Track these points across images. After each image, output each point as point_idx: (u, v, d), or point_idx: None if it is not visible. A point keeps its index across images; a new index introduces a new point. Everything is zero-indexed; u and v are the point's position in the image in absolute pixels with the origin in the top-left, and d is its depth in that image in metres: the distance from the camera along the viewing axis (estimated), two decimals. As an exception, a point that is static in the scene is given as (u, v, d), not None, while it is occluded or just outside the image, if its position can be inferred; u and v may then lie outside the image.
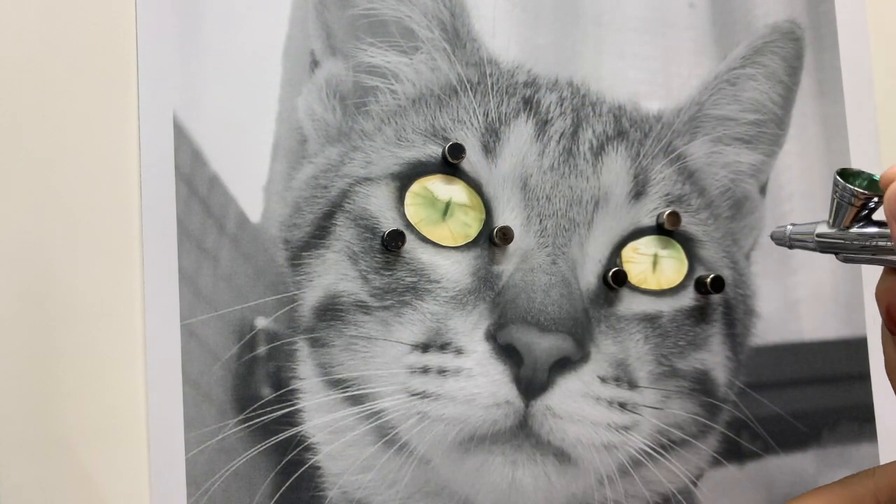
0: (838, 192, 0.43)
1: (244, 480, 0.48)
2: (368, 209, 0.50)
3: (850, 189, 0.42)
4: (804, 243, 0.45)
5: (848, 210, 0.43)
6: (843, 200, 0.43)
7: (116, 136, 0.48)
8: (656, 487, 0.52)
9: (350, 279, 0.49)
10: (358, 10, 0.51)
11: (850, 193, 0.42)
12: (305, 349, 0.49)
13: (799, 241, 0.46)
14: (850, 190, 0.42)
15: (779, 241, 0.47)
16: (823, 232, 0.44)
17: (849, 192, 0.42)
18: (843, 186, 0.42)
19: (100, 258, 0.48)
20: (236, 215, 0.49)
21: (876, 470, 0.46)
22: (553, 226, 0.50)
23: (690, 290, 0.52)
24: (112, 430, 0.47)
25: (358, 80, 0.51)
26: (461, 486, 0.49)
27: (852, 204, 0.42)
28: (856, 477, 0.46)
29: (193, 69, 0.49)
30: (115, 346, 0.47)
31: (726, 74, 0.55)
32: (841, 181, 0.42)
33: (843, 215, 0.43)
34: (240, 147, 0.49)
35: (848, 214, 0.43)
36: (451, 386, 0.47)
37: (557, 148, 0.51)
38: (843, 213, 0.43)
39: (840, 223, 0.43)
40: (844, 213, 0.43)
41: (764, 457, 0.54)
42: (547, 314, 0.48)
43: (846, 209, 0.43)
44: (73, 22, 0.49)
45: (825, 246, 0.44)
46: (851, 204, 0.42)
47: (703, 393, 0.53)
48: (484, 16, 0.53)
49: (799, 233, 0.45)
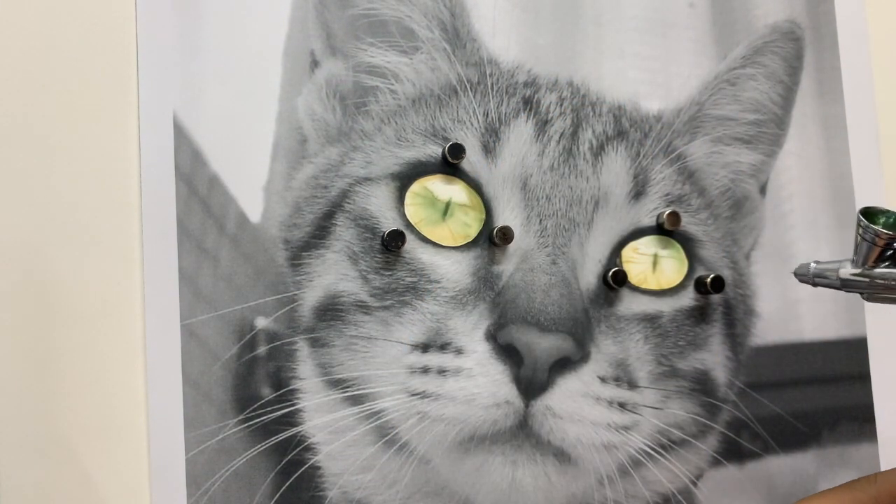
0: (861, 232, 0.42)
1: (244, 480, 0.48)
2: (368, 209, 0.50)
3: (873, 229, 0.41)
4: (828, 281, 0.45)
5: (872, 249, 0.42)
6: (867, 240, 0.42)
7: (116, 136, 0.48)
8: (656, 487, 0.52)
9: (350, 279, 0.49)
10: (358, 10, 0.51)
11: (872, 233, 0.42)
12: (305, 349, 0.49)
13: (822, 279, 0.45)
14: (872, 230, 0.41)
15: (802, 277, 0.46)
16: (848, 271, 0.44)
17: (871, 231, 0.42)
18: (867, 226, 0.42)
19: (100, 258, 0.48)
20: (236, 215, 0.49)
21: (878, 476, 0.46)
22: (553, 226, 0.50)
23: (690, 290, 0.52)
24: (112, 430, 0.47)
25: (358, 80, 0.51)
26: (461, 486, 0.49)
27: (875, 244, 0.42)
28: (857, 482, 0.46)
29: (193, 69, 0.49)
30: (115, 346, 0.47)
31: (726, 74, 0.55)
32: (864, 220, 0.42)
33: (867, 254, 0.42)
34: (240, 147, 0.49)
35: (872, 254, 0.42)
36: (451, 386, 0.47)
37: (557, 148, 0.51)
38: (866, 253, 0.42)
39: (864, 263, 0.43)
40: (868, 253, 0.42)
41: (764, 457, 0.54)
42: (547, 314, 0.48)
43: (869, 248, 0.42)
44: (73, 22, 0.49)
45: (850, 285, 0.44)
46: (875, 244, 0.42)
47: (703, 393, 0.53)
48: (484, 16, 0.53)
49: (823, 271, 0.45)
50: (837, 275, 0.44)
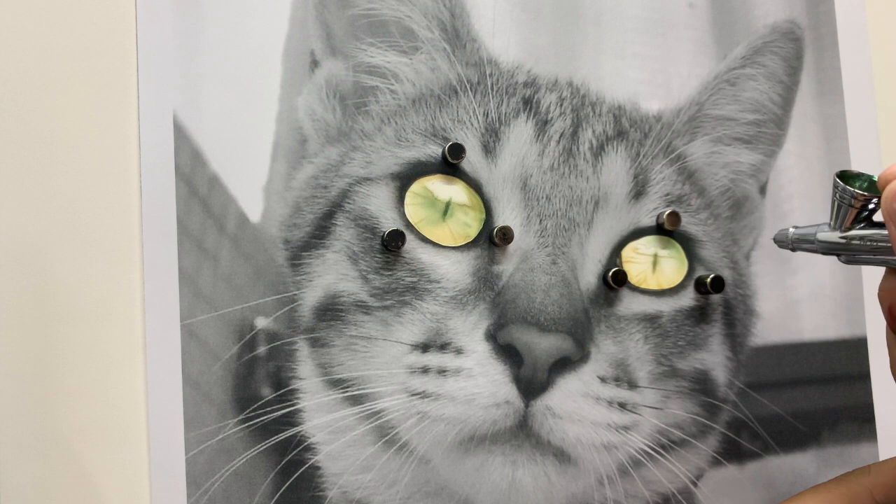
0: (838, 194, 0.43)
1: (244, 480, 0.48)
2: (368, 209, 0.50)
3: (850, 191, 0.42)
4: (807, 245, 0.46)
5: (848, 212, 0.43)
6: (843, 202, 0.43)
7: (116, 136, 0.49)
8: (656, 487, 0.52)
9: (350, 279, 0.49)
10: (358, 10, 0.51)
11: (849, 195, 0.42)
12: (305, 349, 0.49)
13: (802, 243, 0.46)
14: (849, 192, 0.42)
15: (781, 243, 0.47)
16: (825, 234, 0.44)
17: (848, 193, 0.42)
18: (843, 188, 0.42)
19: (100, 258, 0.48)
20: (236, 215, 0.49)
21: (871, 467, 0.46)
22: (553, 226, 0.50)
23: (690, 290, 0.52)
24: (112, 430, 0.47)
25: (358, 80, 0.51)
26: (461, 485, 0.49)
27: (852, 206, 0.43)
28: (852, 474, 0.46)
29: (193, 69, 0.49)
30: (115, 346, 0.47)
31: (726, 74, 0.55)
32: (840, 183, 0.42)
33: (844, 217, 0.43)
34: (240, 147, 0.49)
35: (849, 216, 0.43)
36: (451, 386, 0.47)
37: (557, 148, 0.51)
38: (843, 215, 0.43)
39: (841, 225, 0.43)
40: (845, 215, 0.43)
41: (764, 457, 0.54)
42: (547, 314, 0.48)
43: (846, 211, 0.43)
44: (73, 22, 0.49)
45: (827, 248, 0.44)
46: (851, 206, 0.43)
47: (702, 393, 0.53)
48: (484, 16, 0.53)
49: (801, 235, 0.46)
50: (816, 237, 0.45)
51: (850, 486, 0.46)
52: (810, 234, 0.45)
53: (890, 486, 0.45)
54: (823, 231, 0.44)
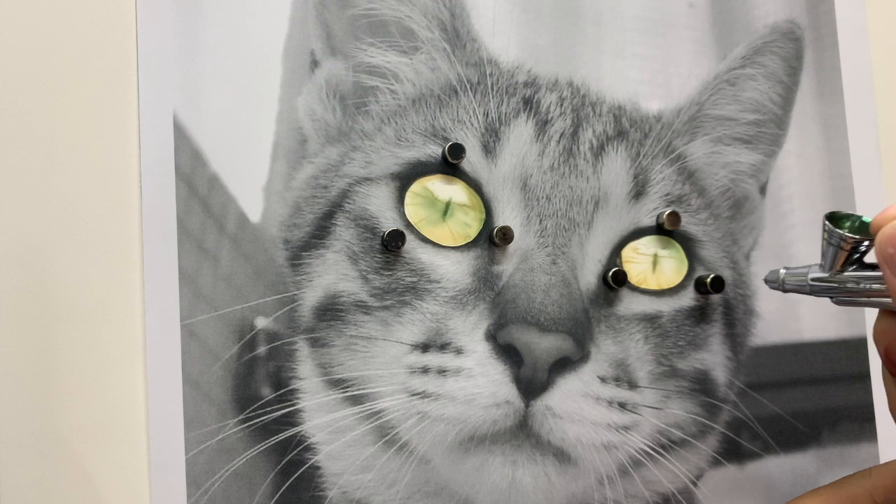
0: (826, 237, 0.42)
1: (244, 480, 0.48)
2: (368, 209, 0.50)
3: (838, 234, 0.42)
4: (798, 287, 0.45)
5: (839, 254, 0.42)
6: (832, 244, 0.42)
7: (116, 136, 0.49)
8: (656, 487, 0.52)
9: (350, 279, 0.49)
10: (358, 10, 0.51)
11: (838, 238, 0.42)
12: (305, 349, 0.49)
13: (792, 285, 0.46)
14: (837, 234, 0.42)
15: (772, 284, 0.47)
16: (816, 276, 0.44)
17: (837, 236, 0.42)
18: (832, 231, 0.42)
19: (100, 258, 0.48)
20: (236, 215, 0.49)
21: (872, 470, 0.46)
22: (553, 226, 0.50)
23: (690, 290, 0.52)
24: (112, 430, 0.47)
25: (358, 80, 0.51)
26: (461, 485, 0.49)
27: (842, 248, 0.42)
28: (852, 477, 0.46)
29: (193, 69, 0.49)
30: (115, 346, 0.47)
31: (726, 74, 0.55)
32: (829, 225, 0.42)
33: (835, 259, 0.43)
34: (240, 147, 0.49)
35: (839, 258, 0.43)
36: (451, 386, 0.47)
37: (557, 148, 0.51)
38: (833, 257, 0.43)
39: (832, 267, 0.43)
40: (835, 257, 0.43)
41: (764, 457, 0.54)
42: (547, 314, 0.48)
43: (837, 253, 0.42)
44: (73, 22, 0.49)
45: (818, 290, 0.44)
46: (841, 248, 0.42)
47: (702, 393, 0.53)
48: (484, 16, 0.53)
49: (793, 277, 0.45)
50: (807, 280, 0.44)
51: (850, 488, 0.46)
52: (801, 274, 0.45)
53: (890, 489, 0.45)
54: (815, 272, 0.44)
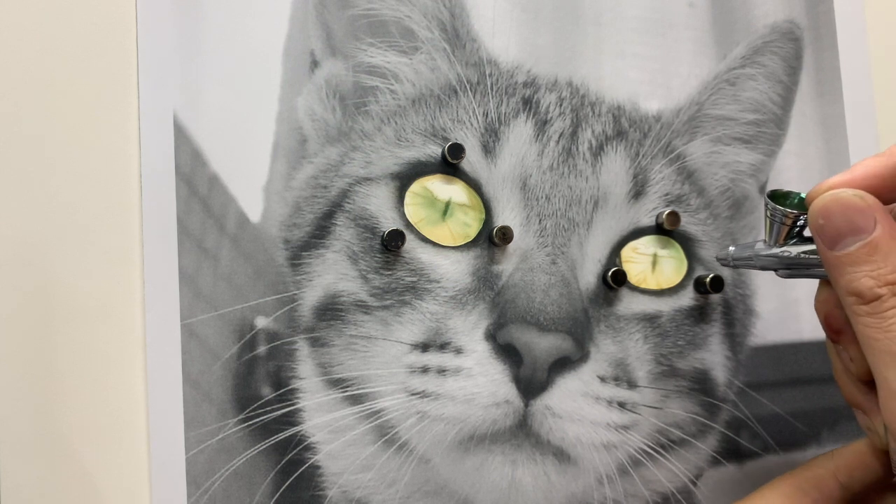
0: (769, 213, 0.45)
1: (244, 480, 0.48)
2: (368, 209, 0.50)
3: (780, 210, 0.44)
4: (746, 262, 0.47)
5: (780, 229, 0.45)
6: (775, 220, 0.45)
7: (116, 136, 0.49)
8: (656, 487, 0.52)
9: (350, 279, 0.49)
10: (358, 11, 0.51)
11: (780, 214, 0.44)
12: (305, 349, 0.49)
13: (741, 260, 0.48)
14: (779, 211, 0.44)
15: (722, 261, 0.49)
16: (761, 251, 0.46)
17: (779, 212, 0.44)
18: (773, 207, 0.45)
19: (100, 258, 0.48)
20: (236, 215, 0.49)
21: (834, 452, 0.47)
22: (552, 225, 0.50)
23: (690, 290, 0.53)
24: (112, 430, 0.47)
25: (358, 80, 0.51)
26: (461, 485, 0.49)
27: (783, 223, 0.45)
28: (816, 460, 0.47)
29: (193, 69, 0.49)
30: (115, 346, 0.47)
31: (726, 74, 0.55)
32: (770, 202, 0.45)
33: (777, 234, 0.45)
34: (240, 147, 0.50)
35: (781, 233, 0.45)
36: (450, 385, 0.47)
37: (557, 148, 0.51)
38: (777, 232, 0.45)
39: (775, 242, 0.45)
40: (778, 232, 0.45)
41: (763, 456, 0.54)
42: (546, 314, 0.48)
43: (779, 228, 0.45)
44: (73, 22, 0.49)
45: (764, 264, 0.46)
46: (783, 223, 0.45)
47: (702, 392, 0.53)
48: (484, 16, 0.53)
49: (740, 252, 0.48)
50: (753, 254, 0.47)
51: (814, 470, 0.47)
52: (749, 251, 0.47)
53: (853, 468, 0.46)
54: (760, 247, 0.46)
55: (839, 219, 0.41)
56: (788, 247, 0.45)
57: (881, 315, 0.40)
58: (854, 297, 0.41)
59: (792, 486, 0.46)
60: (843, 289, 0.41)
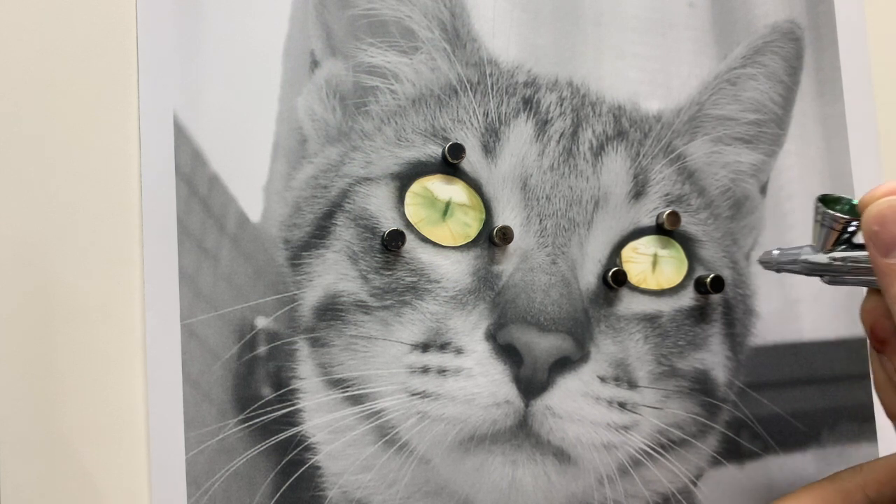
0: (819, 218, 0.45)
1: (244, 480, 0.48)
2: (368, 209, 0.50)
3: (830, 214, 0.44)
4: (791, 267, 0.47)
5: (830, 234, 0.45)
6: (825, 225, 0.44)
7: (116, 136, 0.49)
8: (656, 487, 0.52)
9: (350, 279, 0.49)
10: (358, 11, 0.51)
11: (830, 218, 0.44)
12: (305, 349, 0.49)
13: (786, 264, 0.47)
14: (829, 215, 0.44)
15: (766, 264, 0.49)
16: (809, 255, 0.46)
17: (829, 217, 0.44)
18: (824, 212, 0.44)
19: (100, 258, 0.48)
20: (236, 215, 0.49)
21: (863, 466, 0.47)
22: (553, 226, 0.50)
23: (690, 290, 0.52)
24: (112, 430, 0.47)
25: (358, 80, 0.51)
26: (461, 485, 0.49)
27: (833, 228, 0.44)
28: (844, 473, 0.47)
29: (193, 69, 0.49)
30: (115, 346, 0.47)
31: (726, 74, 0.55)
32: (822, 206, 0.44)
33: (826, 239, 0.45)
34: (240, 147, 0.49)
35: (830, 238, 0.45)
36: (450, 386, 0.47)
37: (557, 148, 0.51)
38: (825, 237, 0.45)
39: (823, 247, 0.45)
40: (827, 237, 0.45)
41: (764, 456, 0.54)
42: (547, 314, 0.48)
43: (828, 233, 0.45)
44: (73, 22, 0.49)
45: (810, 269, 0.46)
46: (833, 228, 0.44)
47: (702, 393, 0.53)
48: (484, 16, 0.53)
49: (786, 257, 0.47)
50: (799, 259, 0.46)
51: (843, 483, 0.46)
52: (794, 255, 0.47)
53: (882, 483, 0.46)
54: (807, 252, 0.46)
55: (895, 226, 0.41)
56: (837, 252, 0.45)
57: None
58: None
59: (818, 499, 0.46)
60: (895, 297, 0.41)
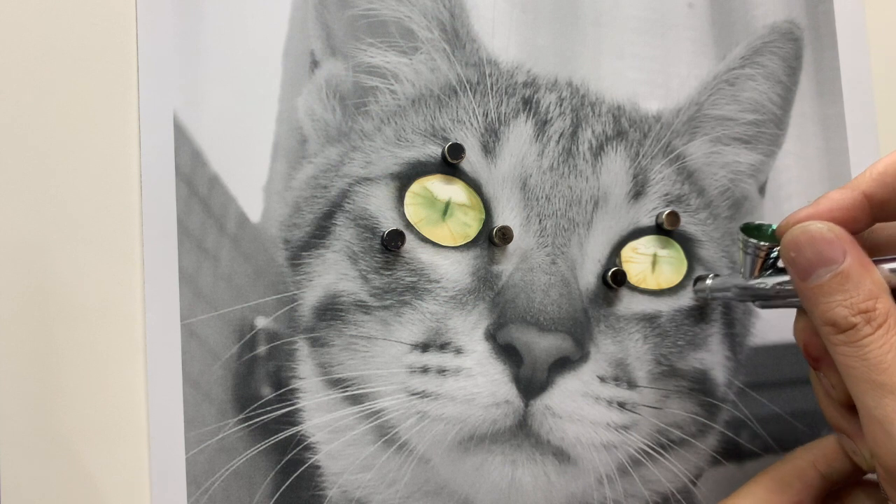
0: (742, 247, 0.46)
1: (244, 480, 0.48)
2: (368, 209, 0.50)
3: (753, 243, 0.45)
4: (722, 294, 0.49)
5: (755, 261, 0.46)
6: (748, 253, 0.46)
7: (116, 136, 0.49)
8: (656, 487, 0.52)
9: (350, 279, 0.49)
10: (358, 11, 0.51)
11: (753, 247, 0.45)
12: (305, 349, 0.49)
13: (718, 292, 0.49)
14: (752, 244, 0.45)
15: (699, 293, 0.51)
16: (737, 283, 0.47)
17: (752, 245, 0.45)
18: (745, 241, 0.46)
19: (100, 258, 0.48)
20: (236, 215, 0.49)
21: (812, 444, 0.48)
22: (552, 226, 0.50)
23: (689, 290, 0.53)
24: (112, 430, 0.47)
25: (358, 81, 0.51)
26: (461, 485, 0.49)
27: (758, 256, 0.46)
28: (795, 452, 0.48)
29: (193, 69, 0.49)
30: (115, 346, 0.47)
31: (725, 74, 0.55)
32: (744, 236, 0.46)
33: (753, 266, 0.46)
34: (240, 147, 0.50)
35: (756, 265, 0.46)
36: (450, 385, 0.47)
37: (557, 148, 0.51)
38: (752, 265, 0.46)
39: (751, 273, 0.46)
40: (753, 265, 0.46)
41: (763, 456, 0.54)
42: (546, 314, 0.48)
43: (753, 261, 0.46)
44: (73, 22, 0.49)
45: (740, 295, 0.48)
46: (757, 256, 0.46)
47: (702, 392, 0.53)
48: (483, 16, 0.53)
49: (717, 286, 0.50)
50: (730, 285, 0.48)
51: (795, 462, 0.48)
52: (725, 283, 0.49)
53: (831, 458, 0.47)
54: (735, 280, 0.48)
55: (809, 251, 0.42)
56: (764, 278, 0.46)
57: (857, 344, 0.41)
58: (830, 327, 0.42)
59: (774, 480, 0.47)
60: (819, 319, 0.42)
